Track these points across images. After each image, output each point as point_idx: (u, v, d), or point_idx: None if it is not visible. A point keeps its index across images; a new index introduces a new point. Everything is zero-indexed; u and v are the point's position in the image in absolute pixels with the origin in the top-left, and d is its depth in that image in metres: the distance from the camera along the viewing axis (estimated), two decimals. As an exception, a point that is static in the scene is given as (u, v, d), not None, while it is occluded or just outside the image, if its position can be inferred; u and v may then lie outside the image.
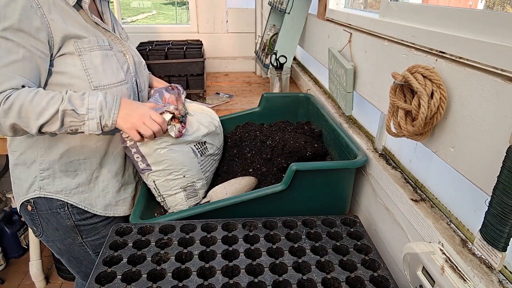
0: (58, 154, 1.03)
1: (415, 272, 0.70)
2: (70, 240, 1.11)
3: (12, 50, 0.85)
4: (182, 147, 1.07)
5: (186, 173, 1.08)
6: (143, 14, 14.26)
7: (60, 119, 0.89)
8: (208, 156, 1.17)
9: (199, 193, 1.13)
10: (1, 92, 0.85)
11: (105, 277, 0.76)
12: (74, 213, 1.08)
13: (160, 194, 1.09)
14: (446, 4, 0.88)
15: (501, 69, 0.55)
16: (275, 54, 1.72)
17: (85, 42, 0.96)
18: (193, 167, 1.10)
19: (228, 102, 1.89)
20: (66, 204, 1.06)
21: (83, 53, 0.96)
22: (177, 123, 1.04)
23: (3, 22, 0.84)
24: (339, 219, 0.93)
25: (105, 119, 0.94)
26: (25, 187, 1.06)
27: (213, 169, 1.22)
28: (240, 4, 2.53)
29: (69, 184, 1.06)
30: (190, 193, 1.11)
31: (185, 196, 1.10)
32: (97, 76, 0.97)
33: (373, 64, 1.00)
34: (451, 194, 0.80)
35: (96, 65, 0.97)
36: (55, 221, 1.08)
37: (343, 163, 1.02)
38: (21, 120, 0.87)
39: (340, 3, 1.53)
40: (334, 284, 0.74)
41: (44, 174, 1.04)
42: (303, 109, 1.54)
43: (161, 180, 1.07)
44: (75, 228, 1.09)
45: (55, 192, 1.05)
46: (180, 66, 1.87)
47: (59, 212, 1.07)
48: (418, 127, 0.67)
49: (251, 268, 0.78)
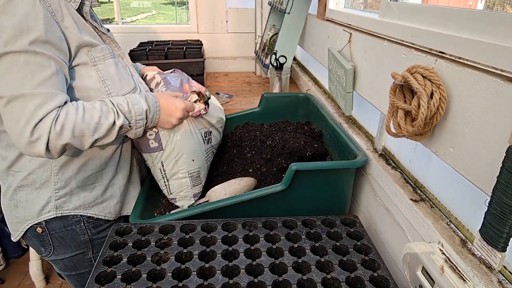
0: (75, 170, 0.98)
1: (414, 272, 0.70)
2: (80, 256, 1.07)
3: (44, 64, 0.79)
4: (195, 132, 1.09)
5: (196, 159, 1.08)
6: (143, 14, 14.27)
7: (116, 133, 0.88)
8: (211, 146, 1.18)
9: (202, 181, 1.14)
10: (48, 114, 0.79)
11: (105, 277, 0.76)
12: (90, 227, 1.04)
13: (166, 177, 1.08)
14: (446, 4, 0.88)
15: (501, 69, 0.55)
16: (275, 54, 1.72)
17: (98, 51, 0.91)
18: (201, 153, 1.11)
19: (228, 102, 1.90)
20: (82, 219, 1.02)
21: (98, 63, 0.91)
22: (202, 103, 1.06)
23: (29, 34, 0.77)
24: (339, 219, 0.93)
25: (148, 124, 0.96)
26: (36, 209, 0.98)
27: (211, 160, 1.22)
28: (240, 4, 2.53)
29: (87, 198, 1.02)
30: (195, 179, 1.11)
31: (190, 182, 1.10)
32: (114, 86, 0.94)
33: (373, 64, 1.00)
34: (451, 194, 0.80)
35: (112, 75, 0.94)
36: (69, 238, 1.03)
37: (343, 163, 1.02)
38: (75, 139, 0.82)
39: (340, 3, 1.53)
40: (334, 284, 0.74)
41: (60, 193, 0.98)
42: (303, 109, 1.54)
43: (170, 162, 1.06)
44: (89, 243, 1.06)
45: (73, 209, 1.01)
46: (180, 66, 1.87)
47: (74, 228, 1.03)
48: (417, 127, 0.67)
49: (251, 268, 0.78)
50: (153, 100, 0.95)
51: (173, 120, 0.98)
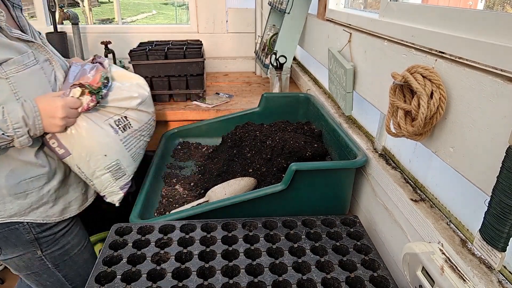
0: (3, 178, 0.99)
1: (414, 272, 0.70)
2: (30, 255, 1.09)
3: None
4: (101, 124, 1.04)
5: (108, 153, 1.05)
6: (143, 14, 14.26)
7: None
8: (132, 132, 1.13)
9: (127, 172, 1.11)
10: None
11: (105, 277, 0.76)
12: (33, 226, 1.05)
13: (88, 178, 1.07)
14: (446, 4, 0.88)
15: (501, 69, 0.55)
16: (275, 54, 1.72)
17: (11, 64, 0.93)
18: (114, 145, 1.07)
19: (228, 102, 1.89)
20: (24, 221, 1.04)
21: (10, 76, 0.93)
22: (88, 95, 1.00)
23: None
24: (339, 219, 0.93)
25: (32, 131, 0.95)
26: None
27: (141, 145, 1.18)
28: (240, 4, 2.53)
29: (22, 206, 1.03)
30: (116, 172, 1.09)
31: (112, 177, 1.08)
32: (27, 96, 0.96)
33: (372, 64, 1.00)
34: (451, 194, 0.80)
35: (25, 86, 0.96)
36: (14, 237, 1.05)
37: (343, 163, 1.02)
38: None
39: (340, 3, 1.53)
40: (334, 284, 0.74)
41: None
42: (303, 109, 1.54)
43: (83, 164, 1.05)
44: (35, 242, 1.07)
45: (9, 217, 1.02)
46: (180, 66, 1.87)
47: (17, 228, 1.04)
48: (417, 127, 0.67)
49: (251, 268, 0.78)
50: (31, 105, 0.94)
51: (57, 121, 0.97)
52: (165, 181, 1.25)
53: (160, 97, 1.83)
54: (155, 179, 1.20)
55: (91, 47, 2.37)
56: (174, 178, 1.26)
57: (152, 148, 1.36)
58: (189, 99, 1.89)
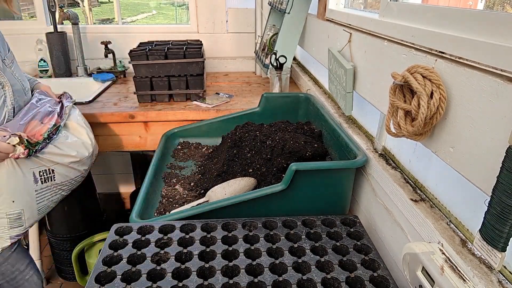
0: None
1: (414, 272, 0.70)
2: None
3: None
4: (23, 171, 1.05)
5: (16, 200, 1.05)
6: (143, 14, 14.26)
7: None
8: (52, 185, 1.12)
9: (25, 224, 1.09)
10: None
11: (105, 277, 0.76)
12: None
13: None
14: (446, 4, 0.88)
15: (501, 70, 0.55)
16: (275, 54, 1.72)
17: None
18: (26, 195, 1.07)
19: (228, 102, 1.89)
20: None
21: None
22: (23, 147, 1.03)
23: None
24: (339, 219, 0.93)
25: None
26: None
27: (56, 199, 1.17)
28: (240, 4, 2.53)
29: None
30: (14, 221, 1.07)
31: (8, 224, 1.06)
32: None
33: (373, 64, 1.00)
34: (451, 194, 0.80)
35: None
36: None
37: (343, 163, 1.02)
38: None
39: (340, 3, 1.53)
40: (334, 284, 0.74)
41: None
42: (303, 109, 1.54)
43: None
44: None
45: None
46: (180, 66, 1.87)
47: None
48: (417, 127, 0.67)
49: (251, 268, 0.78)
50: None
51: None
52: (165, 181, 1.25)
53: (160, 97, 1.83)
54: (155, 179, 1.20)
55: (91, 47, 2.37)
56: (174, 178, 1.26)
57: (152, 148, 1.36)
58: (189, 99, 1.89)
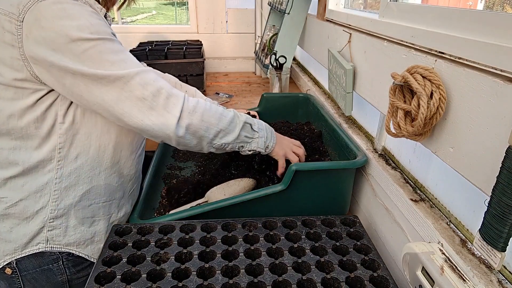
0: (77, 197, 0.88)
1: (414, 272, 0.70)
2: None
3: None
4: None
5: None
6: (142, 14, 14.28)
7: (238, 129, 0.90)
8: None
9: None
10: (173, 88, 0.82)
11: (105, 277, 0.76)
12: (69, 266, 0.91)
13: None
14: (446, 4, 0.88)
15: (501, 70, 0.55)
16: (275, 54, 1.72)
17: None
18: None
19: (227, 102, 1.89)
20: (61, 257, 0.89)
21: None
22: None
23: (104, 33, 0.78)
24: (339, 219, 0.93)
25: (268, 140, 0.97)
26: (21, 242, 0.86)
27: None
28: (240, 4, 2.53)
29: (84, 234, 0.90)
30: None
31: None
32: None
33: (372, 65, 1.00)
34: (451, 194, 0.80)
35: None
36: (44, 279, 0.89)
37: (343, 163, 1.02)
38: (203, 124, 0.84)
39: (339, 4, 1.53)
40: (334, 284, 0.74)
41: (56, 223, 0.86)
42: (303, 109, 1.54)
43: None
44: (66, 284, 0.92)
45: (65, 245, 0.88)
46: (179, 66, 1.87)
47: (51, 268, 0.89)
48: (417, 128, 0.67)
49: (250, 268, 0.78)
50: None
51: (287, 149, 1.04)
52: (165, 181, 1.25)
53: (160, 97, 1.83)
54: (155, 180, 1.20)
55: (91, 47, 2.37)
56: (174, 179, 1.26)
57: (152, 148, 1.36)
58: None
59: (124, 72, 0.78)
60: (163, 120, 0.80)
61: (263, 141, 0.95)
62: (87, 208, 0.90)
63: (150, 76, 0.81)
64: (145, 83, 0.79)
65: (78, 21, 0.75)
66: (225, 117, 0.88)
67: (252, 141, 0.94)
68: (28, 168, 0.83)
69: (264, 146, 0.96)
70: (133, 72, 0.79)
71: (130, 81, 0.78)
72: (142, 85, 0.79)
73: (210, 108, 0.86)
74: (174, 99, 0.81)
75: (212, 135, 0.86)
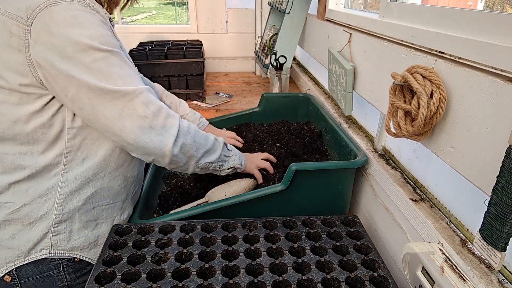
0: (82, 200, 0.87)
1: (414, 272, 0.70)
2: None
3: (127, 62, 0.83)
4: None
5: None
6: (142, 14, 14.28)
7: (220, 148, 0.95)
8: None
9: None
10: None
11: (105, 277, 0.76)
12: (69, 272, 0.89)
13: None
14: (446, 4, 0.88)
15: (501, 70, 0.55)
16: (275, 54, 1.72)
17: None
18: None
19: (228, 102, 1.90)
20: (62, 263, 0.88)
21: None
22: None
23: (112, 45, 0.79)
24: (339, 219, 0.93)
25: (241, 158, 1.03)
26: (25, 248, 0.84)
27: None
28: (240, 4, 2.53)
29: (88, 238, 0.89)
30: None
31: None
32: None
33: (372, 64, 1.00)
34: (451, 194, 0.80)
35: None
36: (44, 285, 0.88)
37: (343, 163, 1.02)
38: (194, 144, 0.89)
39: (339, 4, 1.53)
40: (334, 284, 0.74)
41: (60, 227, 0.85)
42: (303, 109, 1.54)
43: None
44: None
45: (70, 250, 0.87)
46: (179, 66, 1.87)
47: (51, 274, 0.87)
48: (417, 127, 0.67)
49: (251, 268, 0.78)
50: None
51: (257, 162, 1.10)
52: (165, 181, 1.25)
53: (160, 97, 1.83)
54: (155, 179, 1.20)
55: (91, 47, 2.37)
56: (174, 179, 1.26)
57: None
58: (189, 99, 1.89)
59: (131, 89, 0.79)
60: (161, 138, 0.83)
61: (238, 158, 1.02)
62: (90, 211, 0.90)
63: (152, 95, 0.84)
64: (148, 101, 0.81)
65: (89, 30, 0.75)
66: (209, 138, 0.95)
67: (229, 159, 1.00)
68: (34, 172, 0.83)
69: (239, 162, 1.03)
70: (138, 90, 0.80)
71: (134, 99, 0.79)
72: (145, 104, 0.81)
73: (198, 130, 0.92)
74: (172, 119, 0.85)
75: (200, 155, 0.91)
